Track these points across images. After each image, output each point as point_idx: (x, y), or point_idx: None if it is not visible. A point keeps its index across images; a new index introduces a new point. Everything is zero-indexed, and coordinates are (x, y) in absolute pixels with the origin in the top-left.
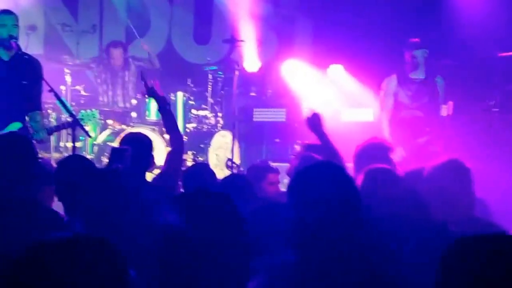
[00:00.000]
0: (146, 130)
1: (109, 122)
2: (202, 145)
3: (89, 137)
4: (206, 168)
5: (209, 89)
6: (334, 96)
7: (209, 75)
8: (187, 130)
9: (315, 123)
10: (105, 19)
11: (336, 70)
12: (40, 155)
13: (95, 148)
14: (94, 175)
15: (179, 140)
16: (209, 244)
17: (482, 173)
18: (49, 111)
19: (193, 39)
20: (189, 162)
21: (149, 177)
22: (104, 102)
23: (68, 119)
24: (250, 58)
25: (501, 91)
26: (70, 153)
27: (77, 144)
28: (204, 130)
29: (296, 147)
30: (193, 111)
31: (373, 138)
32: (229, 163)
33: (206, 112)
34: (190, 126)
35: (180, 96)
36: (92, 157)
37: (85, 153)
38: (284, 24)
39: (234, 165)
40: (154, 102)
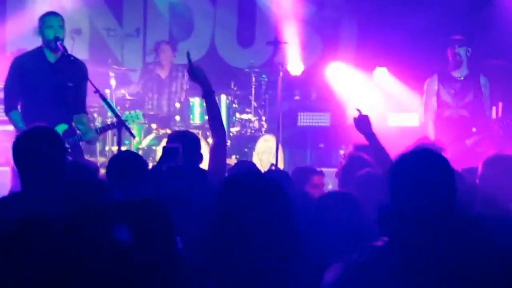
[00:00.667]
0: None
1: (153, 126)
2: (246, 150)
3: (134, 138)
4: (251, 166)
5: (253, 92)
6: (379, 99)
7: (253, 78)
8: (231, 134)
9: (364, 124)
10: (149, 23)
11: (381, 73)
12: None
13: (140, 152)
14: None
15: (221, 131)
16: (259, 226)
17: None
18: (95, 115)
19: (236, 42)
20: None
21: None
22: (148, 106)
23: (113, 120)
24: (294, 61)
25: None
26: None
27: (123, 148)
28: (248, 134)
29: (342, 151)
30: (237, 114)
31: (423, 138)
32: (273, 168)
33: (249, 116)
34: (234, 130)
35: (224, 100)
36: None
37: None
38: (329, 27)
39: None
40: (198, 106)
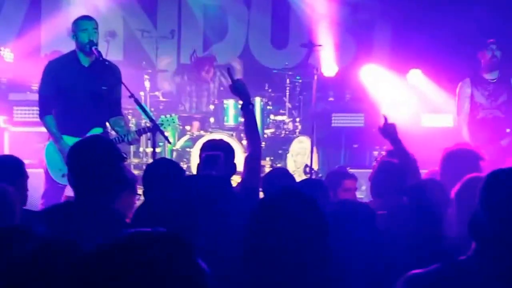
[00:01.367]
0: (224, 135)
1: (188, 127)
2: (280, 151)
3: (169, 143)
4: (286, 173)
5: (287, 94)
6: (413, 100)
7: (287, 79)
8: (265, 135)
9: (389, 131)
10: (183, 25)
11: (415, 75)
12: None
13: (174, 153)
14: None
15: (257, 142)
16: (291, 249)
17: None
18: (129, 117)
19: (270, 44)
20: (267, 168)
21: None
22: (183, 108)
23: (148, 124)
24: (328, 63)
25: None
26: (149, 159)
27: (157, 150)
28: (282, 135)
29: (376, 152)
30: (271, 116)
31: (464, 144)
32: (307, 170)
33: (284, 118)
34: (268, 131)
35: (258, 101)
36: None
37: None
38: (363, 29)
39: (312, 171)
40: (232, 107)
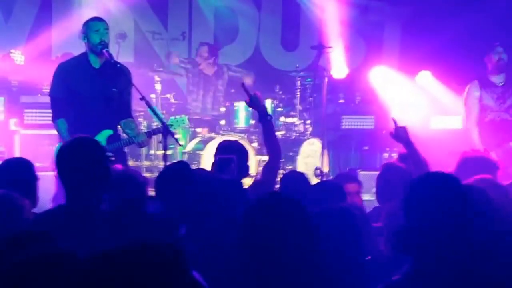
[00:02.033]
0: (235, 137)
1: (198, 130)
2: (291, 153)
3: (180, 146)
4: (301, 176)
5: (298, 96)
6: (423, 103)
7: (298, 82)
8: None
9: (401, 135)
10: (194, 27)
11: (424, 77)
12: (131, 163)
13: (185, 156)
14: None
15: (277, 153)
16: (280, 250)
17: None
18: (140, 119)
19: (281, 46)
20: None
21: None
22: (193, 110)
23: (158, 126)
24: (338, 65)
25: None
26: (160, 161)
27: (168, 152)
28: (292, 137)
29: (386, 155)
30: (282, 118)
31: (482, 152)
32: (318, 172)
33: (294, 120)
34: (279, 133)
35: (269, 103)
36: None
37: (175, 161)
38: (373, 31)
39: (323, 174)
40: (242, 110)
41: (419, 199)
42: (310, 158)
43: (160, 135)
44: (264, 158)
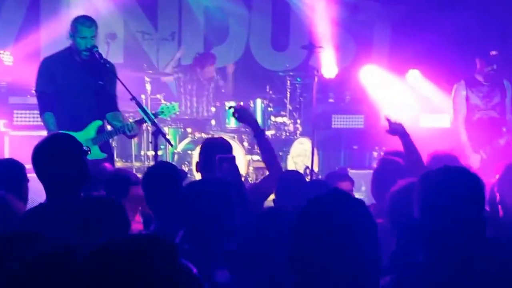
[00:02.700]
0: (225, 138)
1: (189, 130)
2: (281, 153)
3: (171, 146)
4: (298, 175)
5: (288, 95)
6: (413, 101)
7: (288, 81)
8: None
9: (398, 129)
10: (184, 27)
11: (414, 76)
12: (122, 164)
13: (176, 156)
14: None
15: (276, 168)
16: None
17: None
18: (130, 120)
19: (271, 46)
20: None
21: None
22: (184, 110)
23: (149, 127)
24: (328, 64)
25: None
26: (151, 162)
27: (158, 153)
28: (282, 137)
29: (375, 153)
30: (272, 118)
31: (450, 151)
32: (308, 171)
33: (284, 119)
34: (269, 133)
35: (259, 103)
36: None
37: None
38: (362, 30)
39: (313, 173)
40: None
41: (437, 192)
42: (301, 158)
43: (151, 136)
44: (255, 157)
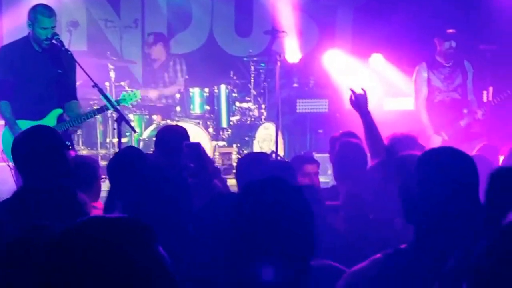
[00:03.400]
0: (190, 124)
1: (154, 117)
2: (246, 138)
3: (135, 132)
4: (257, 157)
5: (252, 81)
6: (375, 85)
7: (251, 67)
8: (231, 123)
9: (360, 102)
10: (147, 14)
11: (377, 59)
12: (87, 151)
13: (141, 143)
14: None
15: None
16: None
17: None
18: (95, 107)
19: (234, 32)
20: (234, 155)
21: None
22: (148, 97)
23: (114, 114)
24: (291, 49)
25: None
26: (116, 149)
27: (123, 140)
28: (248, 122)
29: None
30: (237, 103)
31: (394, 134)
32: (273, 156)
33: (249, 104)
34: (234, 119)
35: (223, 89)
36: None
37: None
38: (325, 15)
39: (278, 158)
40: (198, 96)
41: (432, 171)
42: (266, 142)
43: (115, 123)
44: (220, 143)
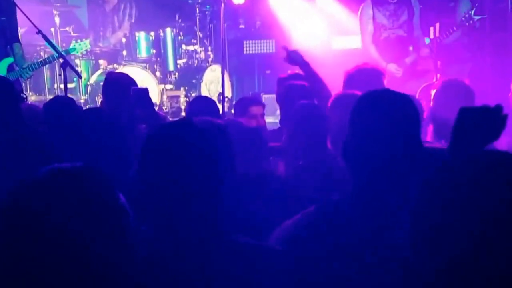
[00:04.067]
0: (137, 68)
1: (101, 62)
2: (194, 80)
3: (80, 78)
4: (210, 103)
5: (197, 23)
6: (323, 24)
7: (197, 9)
8: (178, 66)
9: (295, 58)
10: None
11: None
12: (35, 98)
13: (89, 88)
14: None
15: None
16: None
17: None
18: (42, 53)
19: None
20: (182, 98)
21: None
22: (94, 42)
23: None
24: None
25: (491, 10)
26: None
27: (70, 85)
28: (195, 65)
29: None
30: (183, 46)
31: (364, 64)
32: (221, 98)
33: (196, 47)
34: (181, 61)
35: (169, 32)
36: (86, 97)
37: (79, 94)
38: None
39: (225, 99)
40: (143, 40)
41: (368, 113)
42: (213, 84)
43: (61, 69)
44: (168, 86)
